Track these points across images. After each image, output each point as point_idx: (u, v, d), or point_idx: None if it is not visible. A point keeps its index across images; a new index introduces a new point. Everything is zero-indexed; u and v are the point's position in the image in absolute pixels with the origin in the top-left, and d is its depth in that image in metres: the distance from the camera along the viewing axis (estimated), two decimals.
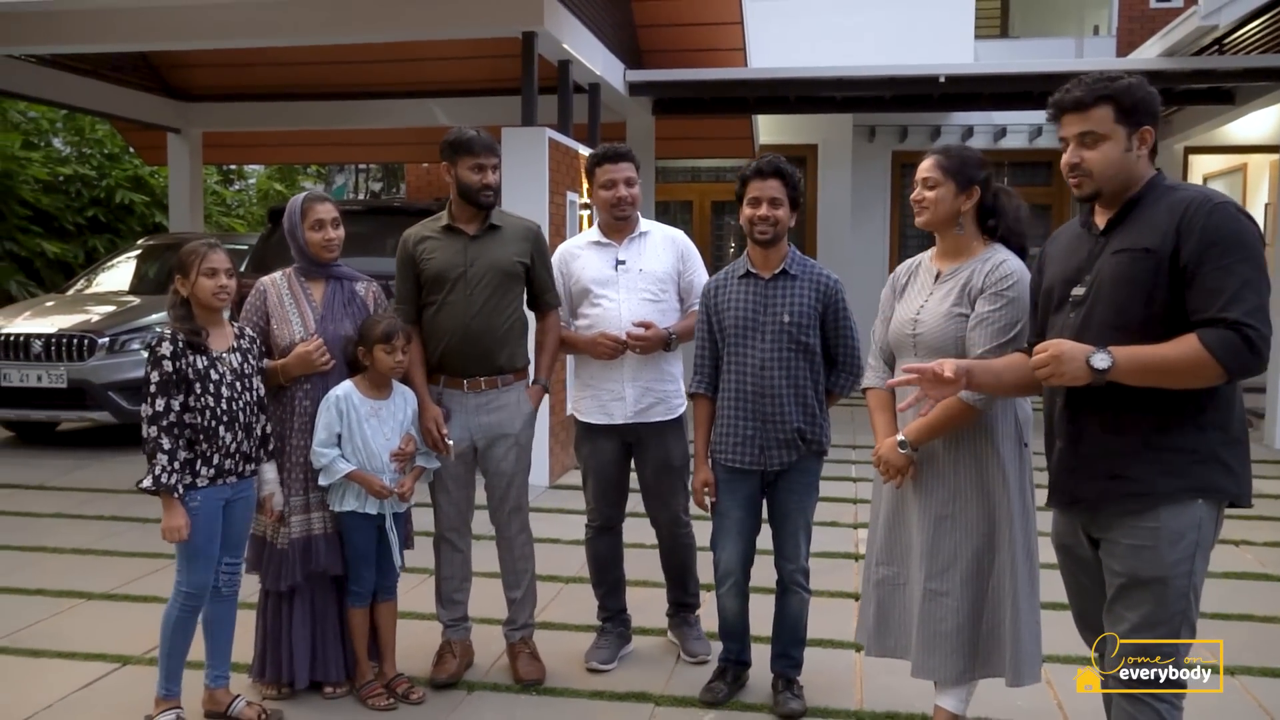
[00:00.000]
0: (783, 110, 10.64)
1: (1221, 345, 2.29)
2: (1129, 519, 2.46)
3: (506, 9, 6.64)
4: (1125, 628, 2.49)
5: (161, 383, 3.19)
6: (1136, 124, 2.48)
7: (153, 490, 3.20)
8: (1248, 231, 2.37)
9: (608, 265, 3.89)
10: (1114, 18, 12.11)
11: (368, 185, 31.28)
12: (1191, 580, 2.43)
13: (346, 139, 13.00)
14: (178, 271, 3.31)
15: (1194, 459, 2.41)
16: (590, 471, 3.98)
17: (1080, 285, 2.56)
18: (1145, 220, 2.46)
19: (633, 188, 3.86)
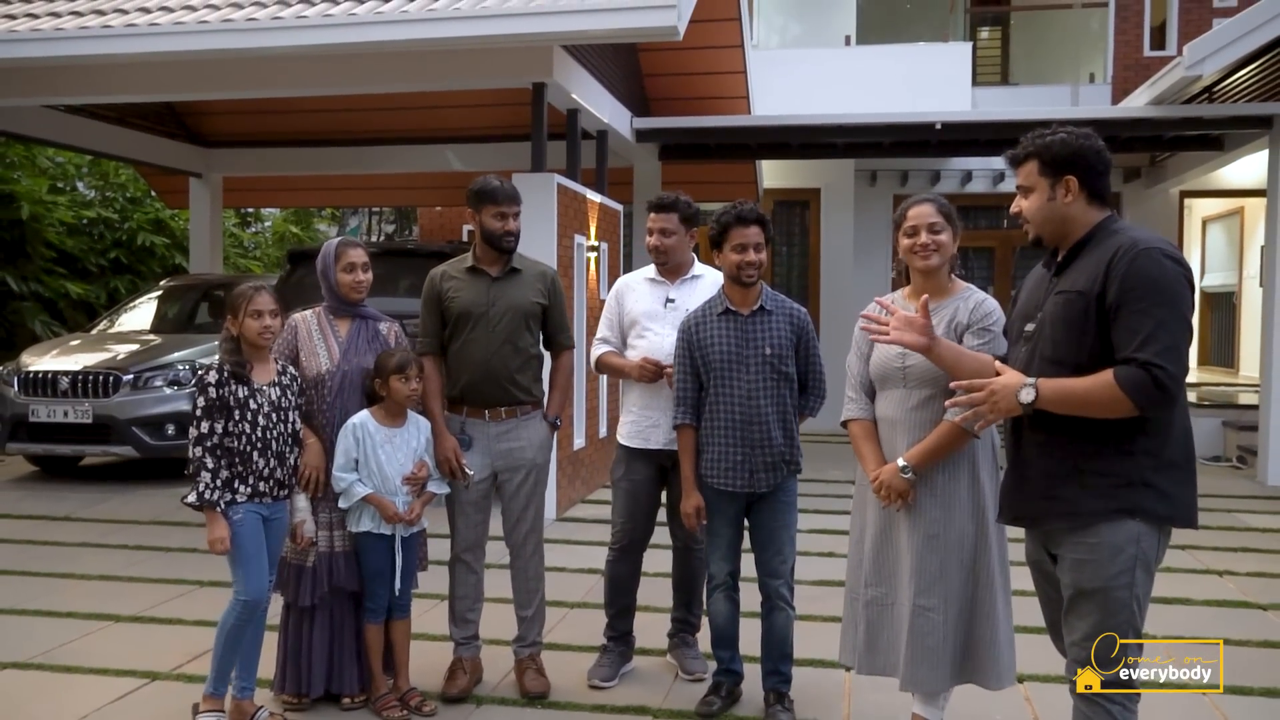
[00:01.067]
0: (785, 156, 10.97)
1: (1131, 383, 2.51)
2: (1073, 535, 2.68)
3: (517, 62, 6.96)
4: (1077, 636, 2.70)
5: (207, 408, 3.50)
6: (1058, 175, 2.73)
7: (196, 505, 3.49)
8: (1168, 276, 2.56)
9: (658, 302, 4.20)
10: (1109, 66, 12.44)
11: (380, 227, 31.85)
12: (1134, 591, 2.63)
13: (361, 183, 13.38)
14: (228, 311, 3.65)
15: (1120, 483, 2.61)
16: (623, 492, 4.22)
17: (1031, 322, 2.83)
18: (1084, 264, 2.70)
19: (668, 238, 4.15)
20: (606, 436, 8.49)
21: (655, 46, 9.46)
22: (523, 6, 6.27)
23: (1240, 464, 9.69)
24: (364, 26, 6.32)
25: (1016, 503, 2.85)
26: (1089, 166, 2.74)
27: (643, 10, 6.07)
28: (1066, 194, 2.73)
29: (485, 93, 9.74)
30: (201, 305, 10.31)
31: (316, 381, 3.87)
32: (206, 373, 3.56)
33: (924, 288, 3.32)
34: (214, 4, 6.94)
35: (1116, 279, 2.58)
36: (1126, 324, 2.56)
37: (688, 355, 3.86)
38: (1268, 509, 7.73)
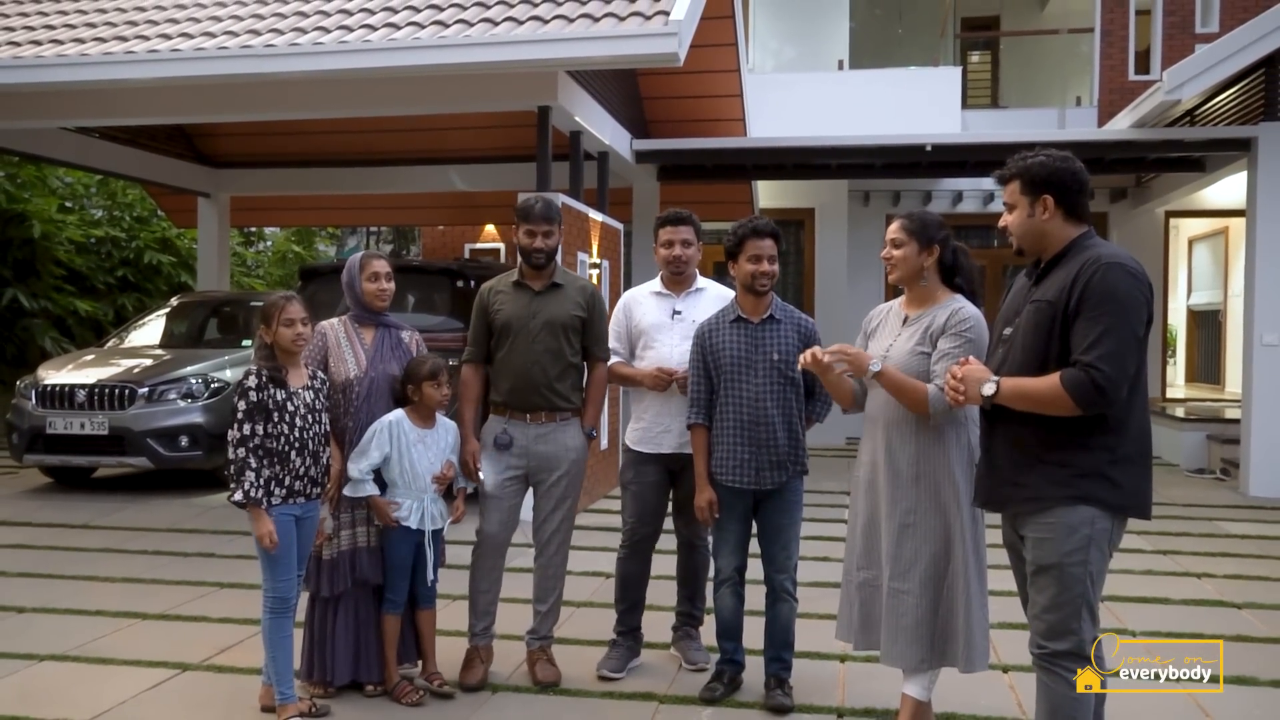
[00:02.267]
0: (780, 176, 11.26)
1: (1073, 383, 2.82)
2: (1034, 517, 2.98)
3: (524, 86, 7.25)
4: (1036, 610, 3.00)
5: (248, 410, 3.74)
6: (1037, 194, 3.04)
7: (241, 503, 3.72)
8: (1123, 288, 2.84)
9: (665, 314, 4.44)
10: (1095, 89, 12.78)
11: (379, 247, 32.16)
12: (1087, 569, 2.91)
13: (366, 203, 13.68)
14: (261, 321, 3.89)
15: (1076, 472, 2.91)
16: (633, 494, 4.44)
17: (1009, 327, 3.12)
18: (1057, 276, 3.00)
19: (689, 248, 4.40)
20: (607, 449, 8.75)
21: (655, 71, 9.76)
22: (530, 34, 6.57)
23: (1224, 476, 9.96)
24: (379, 53, 6.60)
25: (987, 488, 3.16)
26: (1065, 186, 3.03)
27: (645, 38, 6.36)
28: (1044, 211, 3.03)
29: (488, 115, 10.07)
30: (211, 321, 10.56)
31: (345, 386, 4.12)
32: (246, 377, 3.79)
33: (911, 297, 3.61)
34: (233, 30, 7.23)
35: (1079, 289, 2.88)
36: (1080, 330, 2.86)
37: (701, 359, 4.12)
38: (1248, 518, 7.99)
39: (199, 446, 8.54)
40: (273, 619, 3.84)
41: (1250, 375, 9.09)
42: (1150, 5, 12.66)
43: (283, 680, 3.85)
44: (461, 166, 11.77)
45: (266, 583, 3.86)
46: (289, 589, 3.86)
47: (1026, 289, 3.15)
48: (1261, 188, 8.90)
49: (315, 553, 4.09)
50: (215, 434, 8.60)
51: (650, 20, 6.57)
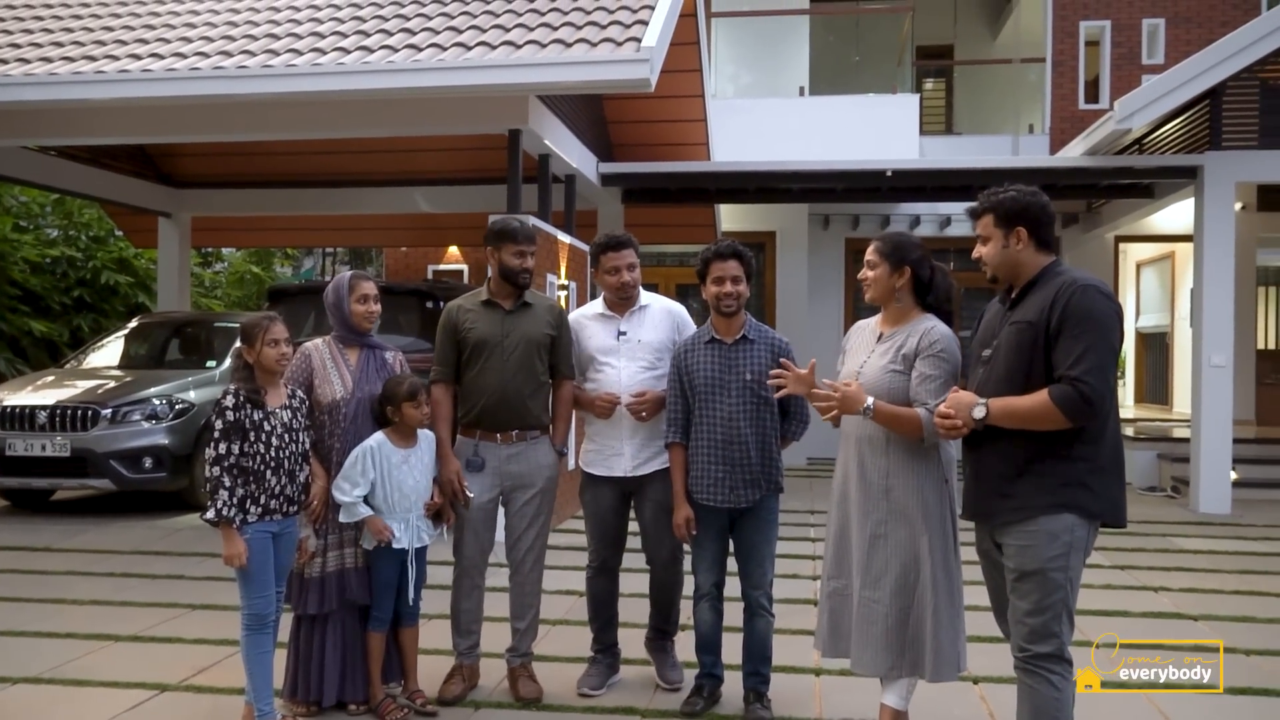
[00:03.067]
0: (743, 200, 11.44)
1: (1061, 398, 3.01)
2: (1017, 525, 3.15)
3: (495, 110, 7.33)
4: (1020, 614, 3.15)
5: (225, 430, 3.75)
6: (1010, 226, 3.26)
7: (214, 522, 3.72)
8: (1100, 308, 3.06)
9: (610, 336, 4.46)
10: (1047, 118, 13.13)
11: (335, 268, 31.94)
12: (1067, 574, 3.09)
13: (329, 223, 13.64)
14: (243, 341, 3.91)
15: (1061, 481, 3.09)
16: (591, 516, 4.50)
17: (988, 349, 3.28)
18: (1034, 299, 3.20)
19: (634, 271, 4.46)
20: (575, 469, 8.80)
21: (621, 96, 9.88)
22: (504, 59, 6.66)
23: (1174, 493, 10.23)
24: (354, 75, 6.65)
25: (974, 501, 3.30)
26: (1035, 219, 3.25)
27: (618, 64, 6.48)
28: (1018, 242, 3.24)
29: (454, 138, 10.11)
30: (172, 342, 10.48)
31: (331, 408, 4.14)
32: (224, 397, 3.80)
33: (886, 315, 3.73)
34: (204, 52, 7.24)
35: (1059, 311, 3.08)
36: (1062, 348, 3.06)
37: (678, 379, 4.21)
38: (1198, 533, 8.23)
39: (163, 468, 8.48)
40: (250, 636, 3.85)
41: (1199, 396, 9.36)
42: (1099, 37, 13.05)
43: (261, 698, 3.86)
44: (426, 188, 11.79)
45: (243, 600, 3.87)
46: (265, 605, 3.86)
47: (1002, 313, 3.32)
48: (1208, 214, 9.21)
49: (299, 571, 4.11)
50: (180, 455, 8.56)
51: (622, 47, 6.69)
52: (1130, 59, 12.93)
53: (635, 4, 7.44)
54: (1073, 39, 13.01)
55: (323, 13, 7.96)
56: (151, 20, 8.14)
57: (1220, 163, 9.18)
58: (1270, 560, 7.25)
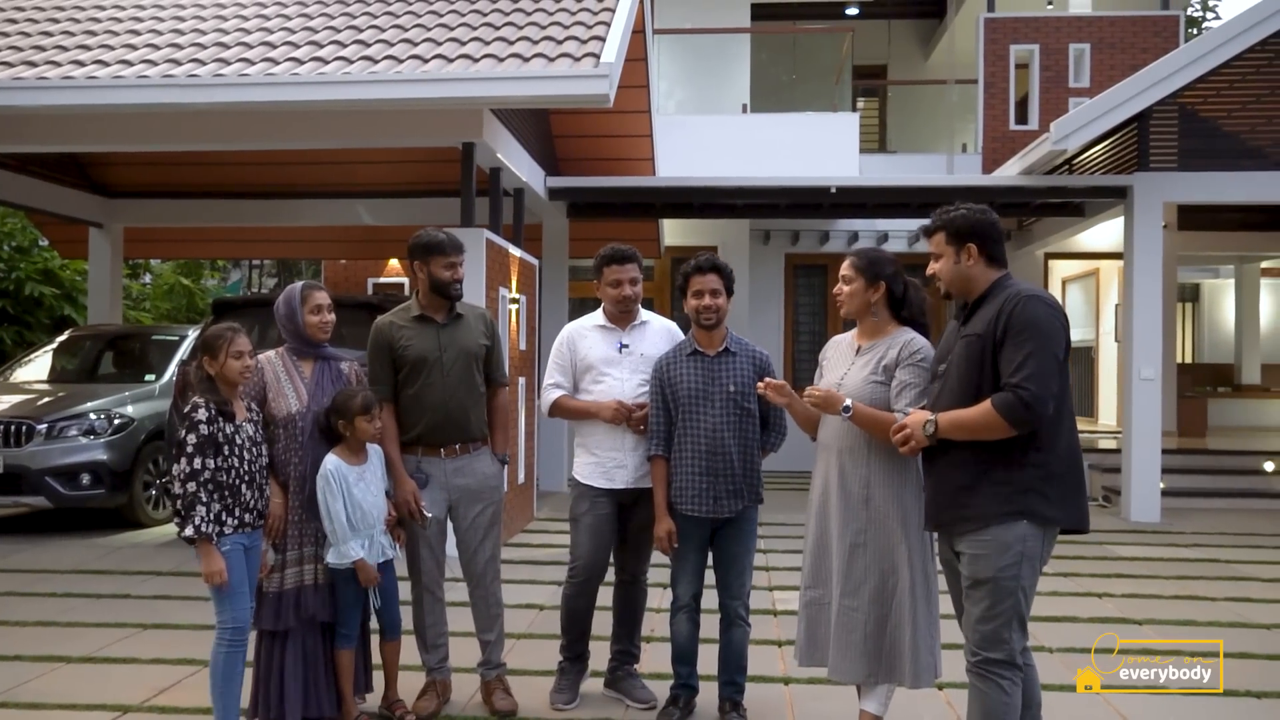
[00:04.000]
0: (687, 215, 11.54)
1: (1003, 405, 3.12)
2: (972, 535, 3.24)
3: (449, 123, 7.31)
4: (972, 620, 3.26)
5: (199, 444, 3.66)
6: (961, 243, 3.38)
7: (191, 539, 3.64)
8: (1042, 317, 3.17)
9: (612, 348, 4.46)
10: (979, 137, 13.48)
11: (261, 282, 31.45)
12: (1019, 583, 3.18)
13: (267, 235, 13.43)
14: (204, 353, 3.81)
15: (1014, 489, 3.18)
16: (586, 529, 4.42)
17: (943, 364, 3.40)
18: (984, 313, 3.32)
19: (636, 286, 4.46)
20: (524, 482, 8.79)
21: (568, 110, 9.92)
22: (462, 72, 6.65)
23: (1106, 502, 10.56)
24: (309, 86, 6.58)
25: (933, 511, 3.42)
26: (985, 236, 3.37)
27: (578, 79, 6.51)
28: (969, 258, 3.36)
29: (398, 150, 10.07)
30: (106, 356, 10.22)
31: (287, 422, 4.03)
32: (195, 410, 3.69)
33: (863, 329, 3.82)
34: (151, 59, 7.10)
35: (1004, 321, 3.19)
36: (1006, 356, 3.17)
37: (660, 392, 4.25)
38: (1132, 541, 8.51)
39: (102, 484, 8.27)
40: (230, 652, 3.76)
41: (1129, 408, 9.68)
42: (1028, 60, 13.45)
43: (231, 716, 3.78)
44: (369, 200, 11.69)
45: (223, 614, 3.76)
46: (246, 617, 3.80)
47: (956, 329, 3.44)
48: (1138, 232, 9.55)
49: (259, 586, 4.02)
50: (119, 471, 8.35)
51: (580, 62, 6.73)
52: (1058, 82, 13.35)
53: (590, 20, 7.49)
54: (1004, 61, 13.39)
55: (272, 23, 7.87)
56: (93, 26, 7.96)
57: (1149, 183, 9.53)
58: (1203, 566, 7.53)
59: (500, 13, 7.84)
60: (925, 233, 3.47)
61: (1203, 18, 24.72)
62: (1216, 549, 8.20)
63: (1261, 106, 9.80)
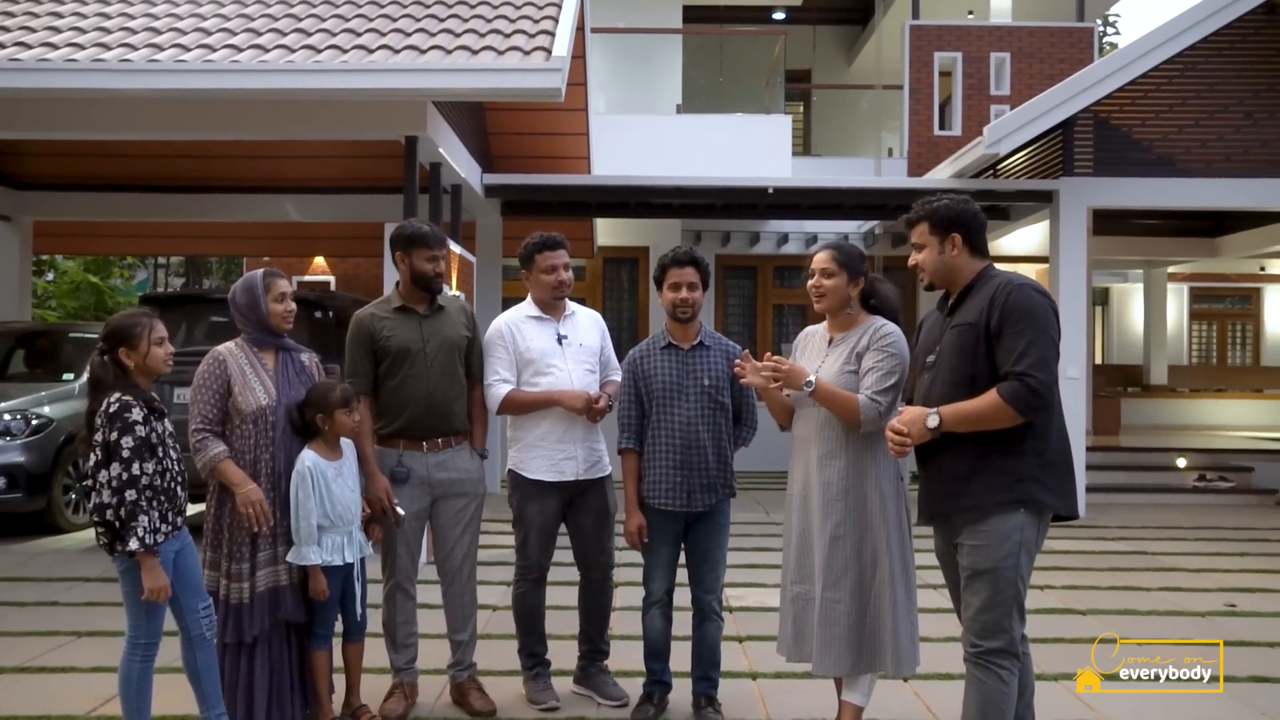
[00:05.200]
0: (623, 215, 11.51)
1: (1011, 394, 3.13)
2: (970, 526, 3.26)
3: (393, 116, 7.14)
4: (972, 610, 3.27)
5: (136, 447, 3.35)
6: (945, 233, 3.38)
7: (133, 553, 3.34)
8: (1037, 305, 3.20)
9: (551, 338, 4.38)
10: (905, 142, 13.74)
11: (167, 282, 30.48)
12: (1018, 572, 3.22)
13: (188, 231, 13.00)
14: (119, 344, 3.48)
15: (1013, 478, 3.21)
16: (534, 527, 4.34)
17: (931, 354, 3.41)
18: (972, 303, 3.32)
19: (568, 271, 4.42)
20: None
21: (505, 106, 9.82)
22: (410, 63, 6.51)
23: None
24: (251, 74, 6.36)
25: (930, 503, 3.41)
26: (969, 226, 3.39)
27: (530, 72, 6.43)
28: (953, 248, 3.36)
29: (326, 144, 9.78)
30: (16, 354, 9.76)
31: (257, 416, 3.84)
32: (126, 410, 3.37)
33: (833, 322, 3.83)
34: (79, 43, 6.80)
35: (998, 310, 3.20)
36: (1005, 345, 3.18)
37: (633, 385, 4.20)
38: (1063, 535, 8.72)
39: (18, 488, 7.89)
40: (144, 665, 3.51)
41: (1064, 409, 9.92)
42: (951, 68, 13.75)
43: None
44: (296, 196, 11.38)
45: (138, 629, 3.48)
46: (160, 631, 3.54)
47: (941, 320, 3.45)
48: (1063, 235, 9.82)
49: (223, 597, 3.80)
50: (37, 474, 7.98)
51: (530, 55, 6.65)
52: (980, 89, 13.67)
53: (536, 14, 7.42)
54: (928, 68, 13.66)
55: (205, 8, 7.60)
56: (11, 8, 7.59)
57: (1073, 188, 9.81)
58: (1133, 558, 7.78)
59: (444, 4, 7.72)
60: (907, 224, 3.48)
61: (1104, 32, 25.65)
62: (1142, 541, 8.49)
63: (1173, 115, 10.18)
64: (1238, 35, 10.04)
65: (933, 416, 3.23)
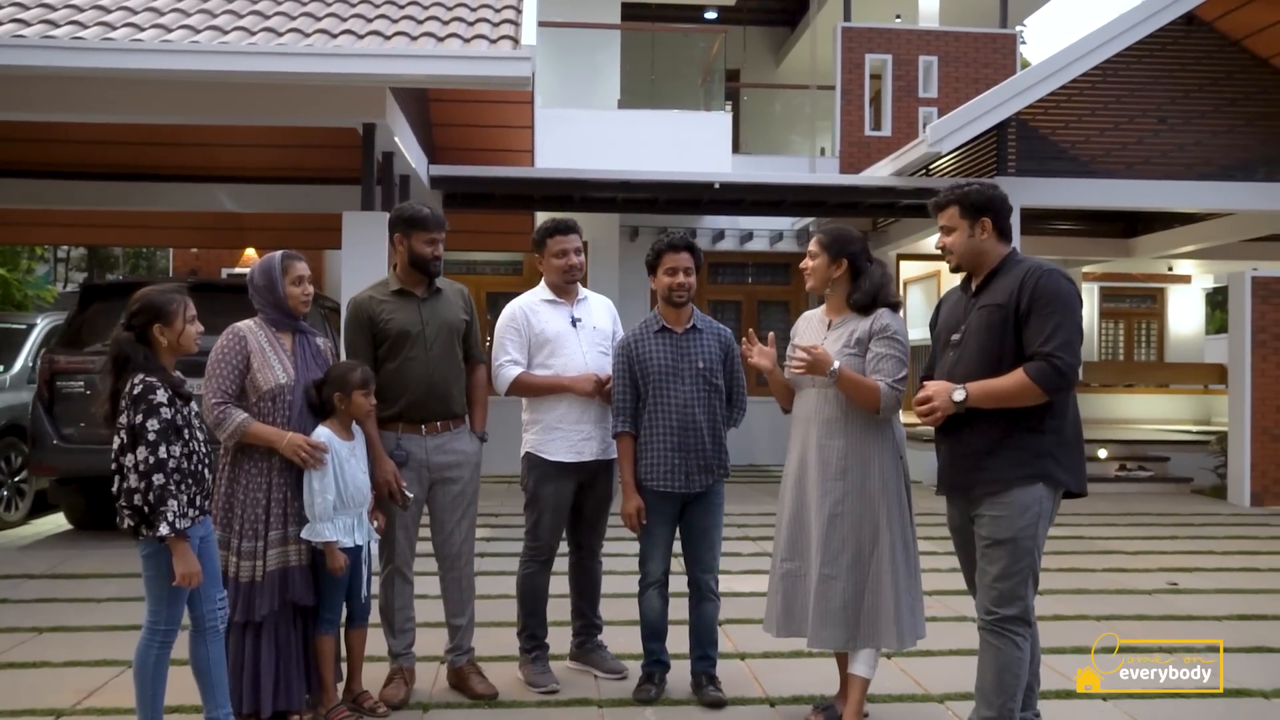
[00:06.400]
0: (567, 209, 11.48)
1: (1038, 373, 3.28)
2: (991, 498, 3.39)
3: (353, 102, 7.02)
4: (989, 579, 3.40)
5: (162, 429, 3.27)
6: (976, 217, 3.50)
7: (161, 538, 3.27)
8: (1066, 290, 3.36)
9: (565, 321, 4.43)
10: (837, 142, 14.01)
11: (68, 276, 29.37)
12: (1035, 542, 3.37)
13: (112, 220, 12.52)
14: (152, 320, 3.39)
15: (1033, 454, 3.35)
16: (549, 509, 4.36)
17: (956, 333, 3.52)
18: (1000, 285, 3.46)
19: (579, 255, 4.45)
20: None
21: (452, 97, 9.74)
22: (378, 48, 6.43)
23: None
24: (211, 55, 6.19)
25: (950, 477, 3.52)
26: (998, 211, 3.52)
27: (500, 60, 6.40)
28: (983, 232, 3.49)
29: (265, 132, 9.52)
30: None
31: (275, 394, 3.83)
32: (150, 392, 3.28)
33: (831, 304, 3.94)
34: (24, 20, 6.55)
35: (1027, 293, 3.34)
36: (1034, 326, 3.32)
37: (628, 369, 4.24)
38: None
39: None
40: (161, 653, 3.42)
41: None
42: (882, 70, 14.07)
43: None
44: (230, 185, 11.07)
45: (158, 615, 3.39)
46: (180, 619, 3.47)
47: (965, 300, 3.57)
48: None
49: (232, 576, 3.77)
50: None
51: (496, 44, 6.63)
52: (909, 92, 14.02)
53: (498, 4, 7.39)
54: (859, 70, 13.95)
55: None
56: None
57: (1006, 187, 10.04)
58: (1074, 542, 8.06)
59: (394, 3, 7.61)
60: (936, 207, 3.59)
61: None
62: (1078, 527, 8.81)
63: (1095, 120, 10.63)
64: (1157, 45, 10.53)
65: (959, 391, 3.35)
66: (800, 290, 13.61)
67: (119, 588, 6.11)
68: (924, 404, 3.43)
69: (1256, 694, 4.42)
